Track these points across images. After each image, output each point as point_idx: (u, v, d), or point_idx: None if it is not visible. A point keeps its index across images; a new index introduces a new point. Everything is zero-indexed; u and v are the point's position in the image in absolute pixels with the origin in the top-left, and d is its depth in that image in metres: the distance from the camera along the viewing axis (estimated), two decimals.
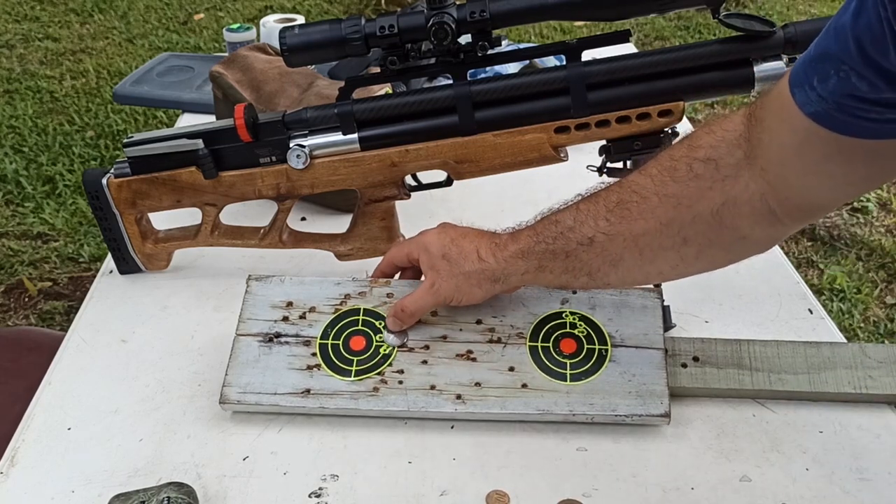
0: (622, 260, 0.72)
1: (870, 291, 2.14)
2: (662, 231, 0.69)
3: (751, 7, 3.84)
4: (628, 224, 0.70)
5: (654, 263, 0.72)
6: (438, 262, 0.79)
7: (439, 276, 0.79)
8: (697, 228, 0.68)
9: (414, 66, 0.86)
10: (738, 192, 0.65)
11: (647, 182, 0.69)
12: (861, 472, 0.73)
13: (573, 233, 0.72)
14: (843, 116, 0.56)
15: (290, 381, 0.79)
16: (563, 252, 0.73)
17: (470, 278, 0.77)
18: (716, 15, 0.79)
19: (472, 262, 0.77)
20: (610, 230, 0.71)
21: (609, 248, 0.71)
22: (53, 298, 2.19)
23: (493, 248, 0.77)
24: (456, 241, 0.79)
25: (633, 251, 0.71)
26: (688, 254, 0.70)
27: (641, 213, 0.69)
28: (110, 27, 3.78)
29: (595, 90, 0.84)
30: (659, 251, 0.71)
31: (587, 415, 0.76)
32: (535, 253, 0.74)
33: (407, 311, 0.80)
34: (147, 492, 0.69)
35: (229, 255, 1.01)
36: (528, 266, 0.75)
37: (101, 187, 0.94)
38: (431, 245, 0.80)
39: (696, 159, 0.67)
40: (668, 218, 0.68)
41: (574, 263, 0.73)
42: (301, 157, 0.89)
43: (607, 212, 0.71)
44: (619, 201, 0.71)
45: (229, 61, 1.18)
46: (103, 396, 0.83)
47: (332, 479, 0.73)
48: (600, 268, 0.73)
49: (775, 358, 0.81)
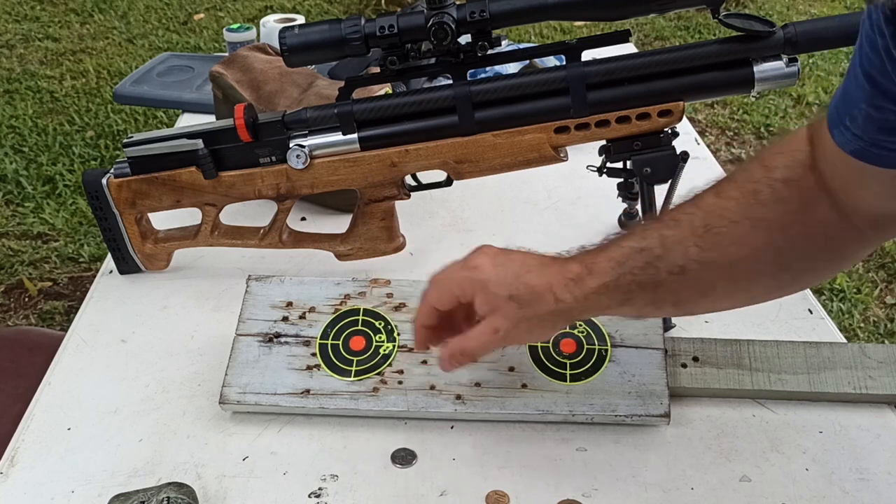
0: (714, 289, 0.67)
1: (870, 291, 2.14)
2: (759, 258, 0.65)
3: (751, 7, 3.84)
4: (721, 251, 0.65)
5: (748, 291, 0.68)
6: (504, 304, 0.67)
7: (507, 321, 0.68)
8: (795, 253, 0.65)
9: (414, 66, 0.86)
10: (824, 215, 0.63)
11: (732, 205, 0.65)
12: (861, 473, 0.73)
13: (662, 262, 0.65)
14: (880, 151, 0.55)
15: (290, 382, 0.79)
16: (651, 283, 0.66)
17: (544, 321, 0.68)
18: (716, 15, 0.79)
19: (547, 303, 0.67)
20: (702, 258, 0.65)
21: (702, 277, 0.66)
22: (53, 298, 2.19)
23: (570, 283, 0.67)
24: (521, 277, 0.68)
25: (727, 280, 0.66)
26: (784, 279, 0.67)
27: (734, 239, 0.64)
28: (110, 27, 3.78)
29: (595, 90, 0.84)
30: (755, 277, 0.67)
31: (587, 415, 0.76)
32: (621, 287, 0.66)
33: (467, 355, 0.70)
34: (147, 492, 0.69)
35: (229, 255, 1.01)
36: (611, 301, 0.67)
37: (101, 187, 0.94)
38: (491, 283, 0.68)
39: (776, 180, 0.64)
40: (763, 243, 0.64)
41: (662, 295, 0.67)
42: (301, 158, 0.89)
43: (696, 237, 0.65)
44: (706, 226, 0.65)
45: (229, 61, 1.18)
46: (103, 396, 0.83)
47: (331, 479, 0.73)
48: (690, 297, 0.68)
49: (775, 358, 0.81)
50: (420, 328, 0.73)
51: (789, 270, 0.66)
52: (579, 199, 1.13)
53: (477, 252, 0.71)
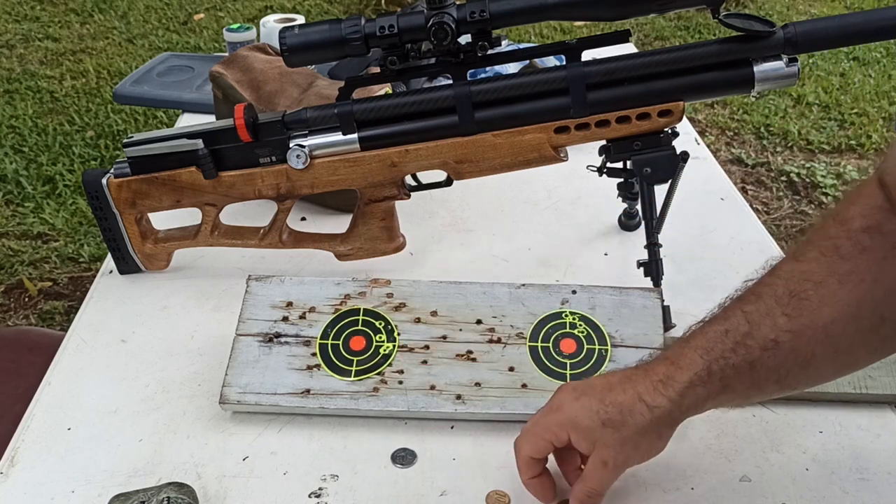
0: (814, 357, 0.63)
1: None
2: (854, 314, 0.61)
3: (751, 7, 3.85)
4: (812, 315, 0.62)
5: (850, 353, 0.64)
6: (601, 433, 0.64)
7: (610, 449, 0.64)
8: (891, 302, 0.61)
9: (414, 66, 0.86)
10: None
11: (814, 266, 0.62)
12: (861, 472, 0.73)
13: (752, 339, 0.62)
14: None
15: (290, 382, 0.79)
16: (746, 364, 0.62)
17: (646, 434, 0.64)
18: (716, 15, 0.79)
19: (641, 414, 0.63)
20: (793, 326, 0.62)
21: (798, 348, 0.62)
22: (53, 298, 2.19)
23: (659, 386, 0.64)
24: (606, 399, 0.65)
25: (826, 345, 0.62)
26: (887, 333, 0.62)
27: (822, 299, 0.61)
28: (110, 27, 3.78)
29: (595, 90, 0.84)
30: (856, 337, 0.62)
31: None
32: (715, 374, 0.63)
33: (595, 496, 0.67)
34: (147, 492, 0.69)
35: (229, 255, 1.01)
36: (709, 391, 0.63)
37: (100, 187, 0.94)
38: (580, 418, 0.65)
39: (855, 231, 0.61)
40: (857, 299, 0.61)
41: (760, 374, 0.63)
42: (301, 158, 0.89)
43: (781, 306, 0.62)
44: (790, 292, 0.62)
45: (229, 61, 1.18)
46: (103, 396, 0.83)
47: (331, 479, 0.73)
48: (790, 371, 0.64)
49: None
50: (529, 482, 0.69)
51: (890, 322, 0.62)
52: (579, 199, 1.13)
53: (557, 392, 0.68)
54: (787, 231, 2.37)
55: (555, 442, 0.66)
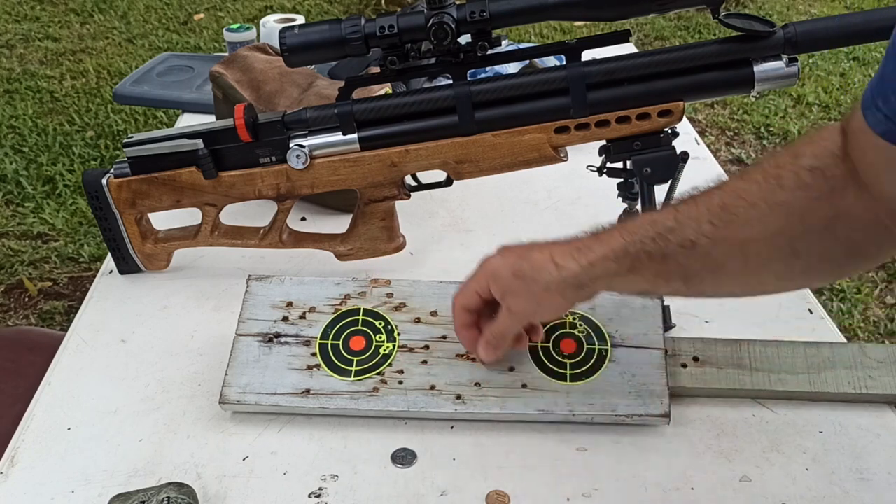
0: (724, 267, 0.68)
1: (870, 291, 2.14)
2: (771, 241, 0.65)
3: (751, 7, 3.85)
4: (734, 230, 0.66)
5: (757, 275, 0.68)
6: (511, 283, 0.72)
7: (515, 296, 0.73)
8: (809, 241, 0.65)
9: (414, 66, 0.86)
10: (848, 206, 0.62)
11: (754, 188, 0.65)
12: (861, 472, 0.73)
13: (673, 234, 0.67)
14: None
15: (290, 382, 0.79)
16: (660, 254, 0.67)
17: (550, 290, 0.71)
18: (716, 15, 0.79)
19: (549, 272, 0.70)
20: (714, 234, 0.66)
21: (712, 254, 0.67)
22: (53, 298, 2.19)
23: (574, 252, 0.70)
24: (524, 256, 0.72)
25: (738, 259, 0.67)
26: (796, 266, 0.66)
27: (749, 219, 0.65)
28: (110, 27, 3.78)
29: (595, 90, 0.84)
30: (767, 261, 0.67)
31: (587, 415, 0.76)
32: (630, 254, 0.68)
33: (496, 337, 0.76)
34: (147, 492, 0.69)
35: (229, 255, 1.01)
36: (619, 268, 0.69)
37: (100, 187, 0.94)
38: (499, 270, 0.73)
39: (802, 168, 0.63)
40: (779, 227, 0.65)
41: (670, 267, 0.68)
42: (301, 158, 0.89)
43: (711, 215, 0.66)
44: (722, 205, 0.66)
45: (229, 61, 1.18)
46: (103, 396, 0.83)
47: (331, 479, 0.73)
48: (698, 273, 0.68)
49: (775, 358, 0.81)
50: (460, 330, 0.78)
51: (802, 258, 0.66)
52: (579, 199, 1.13)
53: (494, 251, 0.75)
54: None
55: (480, 292, 0.75)
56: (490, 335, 0.76)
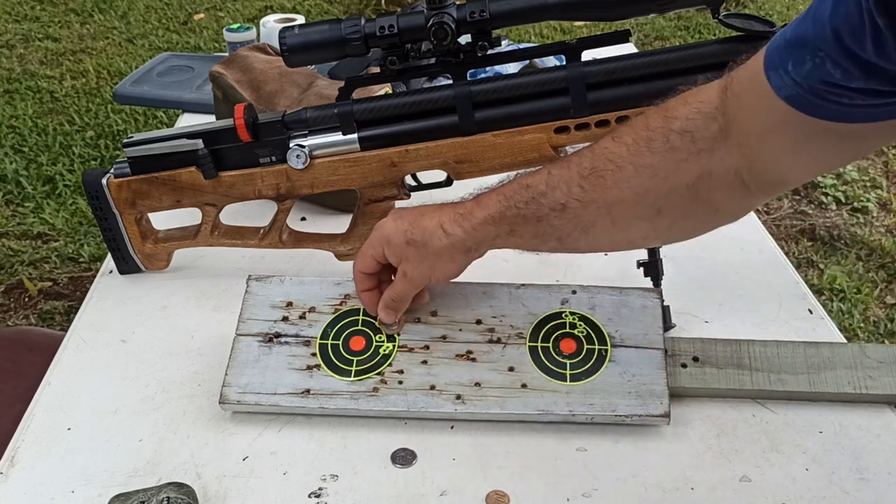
0: (594, 227, 0.72)
1: (870, 291, 2.14)
2: (637, 201, 0.69)
3: (751, 7, 3.85)
4: (602, 192, 0.69)
5: (625, 232, 0.72)
6: (404, 250, 0.77)
7: (409, 263, 0.77)
8: (672, 200, 0.68)
9: (414, 66, 0.86)
10: (713, 166, 0.65)
11: (623, 150, 0.68)
12: (861, 473, 0.73)
13: (545, 198, 0.71)
14: (816, 100, 0.57)
15: (290, 381, 0.79)
16: (534, 217, 0.72)
17: (441, 256, 0.76)
18: (716, 15, 0.79)
19: (438, 238, 0.75)
20: (583, 197, 0.70)
21: (581, 215, 0.71)
22: (53, 298, 2.19)
23: (459, 218, 0.75)
24: (415, 222, 0.76)
25: (606, 219, 0.71)
26: (660, 224, 0.71)
27: (616, 182, 0.68)
28: (110, 27, 3.78)
29: (595, 90, 0.84)
30: (632, 220, 0.71)
31: (587, 415, 0.76)
32: (507, 218, 0.73)
33: (395, 300, 0.80)
34: (147, 492, 0.69)
35: (229, 255, 1.01)
36: (498, 231, 0.74)
37: (100, 187, 0.94)
38: (392, 236, 0.77)
39: (673, 131, 0.66)
40: (644, 189, 0.68)
41: (545, 228, 0.73)
42: (301, 158, 0.89)
43: (581, 178, 0.70)
44: (592, 168, 0.70)
45: (229, 61, 1.18)
46: (103, 396, 0.83)
47: (331, 480, 0.73)
48: (571, 233, 0.72)
49: (775, 358, 0.81)
50: (361, 294, 0.82)
51: (666, 217, 0.70)
52: None
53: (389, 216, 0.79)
54: (787, 231, 2.37)
55: (376, 257, 0.79)
56: (389, 299, 0.80)
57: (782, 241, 2.31)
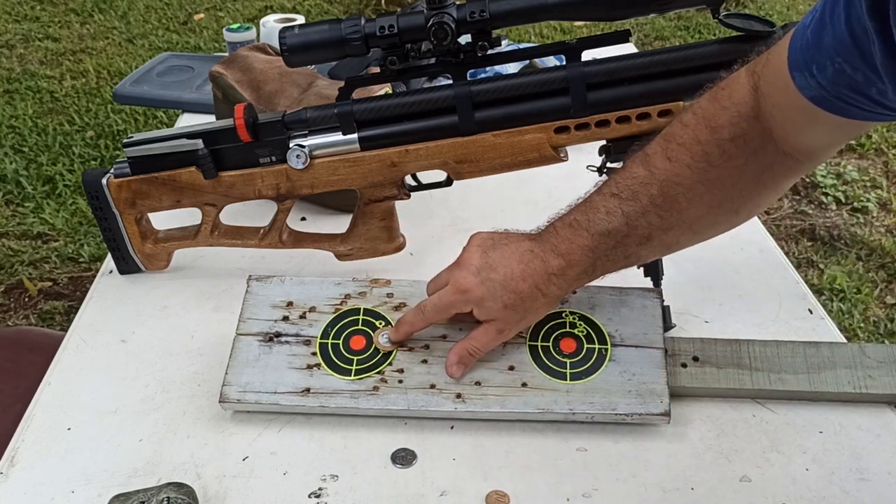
0: (678, 244, 0.76)
1: (870, 291, 2.14)
2: (716, 212, 0.72)
3: (751, 7, 3.85)
4: (680, 215, 0.72)
5: (706, 236, 0.76)
6: (501, 313, 0.76)
7: (507, 324, 0.77)
8: (744, 199, 0.72)
9: (414, 66, 0.86)
10: (770, 160, 0.68)
11: (687, 172, 0.70)
12: (861, 472, 0.73)
13: (629, 238, 0.73)
14: (839, 103, 0.58)
15: (290, 381, 0.79)
16: (623, 256, 0.75)
17: (539, 313, 0.78)
18: (716, 15, 0.79)
19: (539, 301, 0.76)
20: (664, 225, 0.72)
21: (665, 239, 0.74)
22: (53, 298, 2.19)
23: (553, 278, 0.75)
24: (509, 286, 0.75)
25: (689, 234, 0.75)
26: (735, 220, 0.75)
27: (690, 202, 0.71)
28: (110, 27, 3.78)
29: (595, 90, 0.84)
30: (713, 226, 0.75)
31: (587, 414, 0.76)
32: (598, 267, 0.75)
33: (475, 354, 0.78)
34: (147, 492, 0.69)
35: (229, 255, 1.01)
36: (590, 278, 0.77)
37: (100, 187, 0.94)
38: (486, 300, 0.76)
39: (724, 140, 0.68)
40: (719, 200, 0.71)
41: (632, 260, 0.76)
42: (301, 158, 0.89)
43: (655, 207, 0.72)
44: (663, 195, 0.71)
45: (229, 61, 1.18)
46: (103, 396, 0.83)
47: (331, 480, 0.73)
48: (654, 252, 0.77)
49: (775, 358, 0.81)
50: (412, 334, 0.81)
51: (741, 213, 0.74)
52: None
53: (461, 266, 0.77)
54: (788, 231, 2.37)
55: (458, 310, 0.78)
56: (466, 352, 0.78)
57: (782, 241, 2.31)
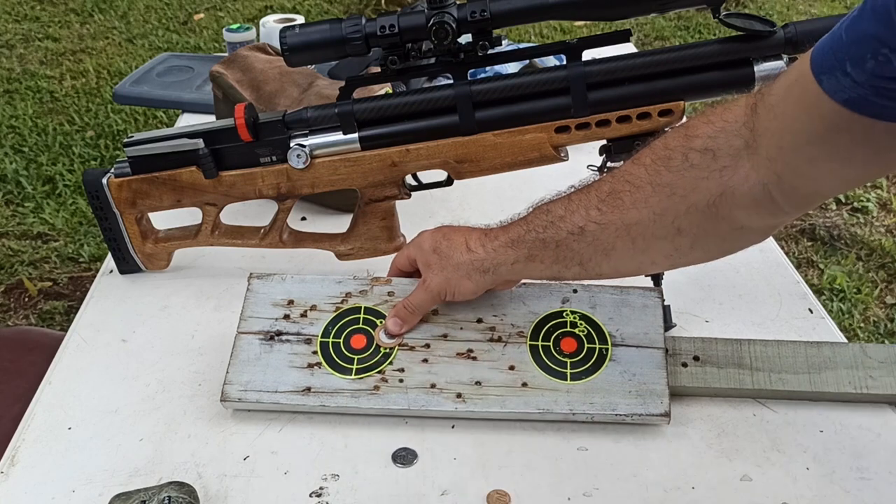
0: (614, 249, 0.71)
1: (870, 291, 2.14)
2: (656, 221, 0.68)
3: (751, 7, 3.85)
4: (620, 213, 0.69)
5: (646, 253, 0.71)
6: (430, 256, 0.80)
7: (430, 271, 0.80)
8: (692, 219, 0.67)
9: (414, 66, 0.86)
10: (736, 183, 0.64)
11: (641, 171, 0.68)
12: (861, 472, 0.73)
13: (563, 222, 0.72)
14: (880, 101, 0.53)
15: (291, 379, 0.79)
16: (553, 241, 0.73)
17: (459, 269, 0.78)
18: (716, 15, 0.79)
19: (460, 252, 0.78)
20: (601, 220, 0.70)
21: (600, 238, 0.71)
22: (53, 298, 2.18)
23: (483, 238, 0.77)
24: (447, 235, 0.80)
25: (626, 240, 0.70)
26: (682, 244, 0.69)
27: (634, 202, 0.68)
28: (110, 27, 3.78)
29: (595, 90, 0.84)
30: (652, 241, 0.70)
31: (587, 414, 0.76)
32: (525, 242, 0.74)
33: (409, 308, 0.81)
34: (148, 491, 0.69)
35: (230, 254, 1.01)
36: (517, 255, 0.75)
37: (101, 187, 0.94)
38: (424, 242, 0.81)
39: (693, 149, 0.65)
40: (662, 208, 0.67)
41: (565, 253, 0.73)
42: (301, 157, 0.89)
43: (599, 201, 0.70)
44: (611, 191, 0.70)
45: (229, 61, 1.18)
46: (103, 396, 0.83)
47: (332, 479, 0.73)
48: (592, 257, 0.72)
49: (776, 358, 0.81)
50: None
51: (686, 236, 0.68)
52: None
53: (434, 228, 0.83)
54: (787, 231, 2.37)
55: (409, 258, 0.83)
56: (402, 306, 0.81)
57: (782, 241, 2.31)
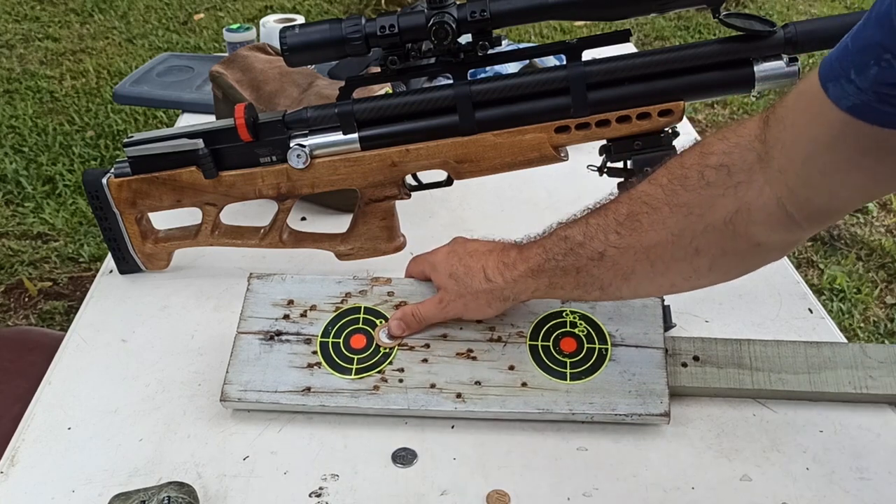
0: (634, 273, 0.70)
1: (870, 291, 2.14)
2: (674, 242, 0.67)
3: (751, 7, 3.85)
4: (639, 236, 0.68)
5: (666, 275, 0.70)
6: (446, 280, 0.80)
7: (447, 295, 0.80)
8: (710, 238, 0.66)
9: (414, 66, 0.86)
10: (751, 198, 0.63)
11: (658, 192, 0.67)
12: (861, 472, 0.73)
13: (583, 248, 0.71)
14: (883, 107, 0.53)
15: (291, 379, 0.79)
16: (573, 268, 0.72)
17: (479, 298, 0.78)
18: (716, 15, 0.79)
19: (479, 281, 0.77)
20: (620, 244, 0.69)
21: (620, 262, 0.70)
22: (53, 298, 2.18)
23: (502, 267, 0.76)
24: (463, 259, 0.79)
25: (645, 264, 0.69)
26: (700, 265, 0.68)
27: (652, 224, 0.67)
28: (110, 27, 3.78)
29: (595, 90, 0.84)
30: (671, 263, 0.69)
31: (587, 414, 0.76)
32: (546, 271, 0.74)
33: (416, 317, 0.81)
34: (147, 491, 0.69)
35: (229, 254, 1.01)
36: (538, 284, 0.75)
37: (101, 187, 0.94)
38: (439, 264, 0.81)
39: (708, 166, 0.65)
40: (680, 228, 0.66)
41: (585, 279, 0.72)
42: (301, 157, 0.89)
43: (617, 225, 0.69)
44: (629, 213, 0.69)
45: (229, 61, 1.18)
46: (103, 396, 0.83)
47: (332, 479, 0.73)
48: (612, 282, 0.72)
49: (775, 358, 0.81)
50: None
51: (704, 256, 0.67)
52: (579, 199, 1.11)
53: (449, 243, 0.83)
54: None
55: (422, 275, 0.84)
56: (410, 313, 0.81)
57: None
